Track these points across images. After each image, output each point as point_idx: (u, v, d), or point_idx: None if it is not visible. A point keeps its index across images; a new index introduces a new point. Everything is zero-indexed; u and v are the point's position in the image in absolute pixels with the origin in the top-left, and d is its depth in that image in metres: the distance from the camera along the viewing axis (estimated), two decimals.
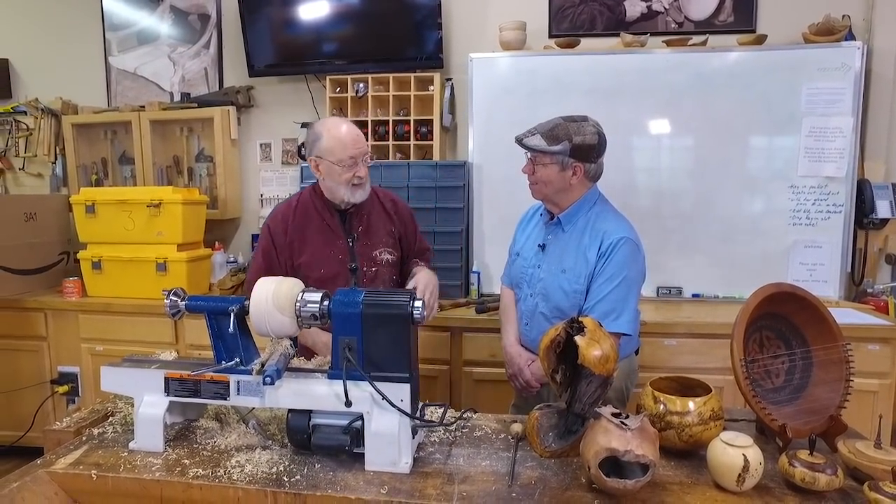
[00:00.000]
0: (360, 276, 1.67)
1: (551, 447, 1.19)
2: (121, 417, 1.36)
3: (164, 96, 3.24)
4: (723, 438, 1.06)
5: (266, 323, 1.14)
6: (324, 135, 1.62)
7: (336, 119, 1.73)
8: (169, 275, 2.64)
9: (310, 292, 1.16)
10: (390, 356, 1.12)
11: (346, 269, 1.66)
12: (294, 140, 3.16)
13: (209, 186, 3.15)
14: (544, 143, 1.48)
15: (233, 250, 3.19)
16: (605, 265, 1.45)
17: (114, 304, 2.69)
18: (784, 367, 1.30)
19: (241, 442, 1.22)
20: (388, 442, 1.10)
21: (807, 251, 2.55)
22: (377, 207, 1.75)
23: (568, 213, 1.55)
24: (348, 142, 1.60)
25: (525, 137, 1.52)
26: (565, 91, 2.65)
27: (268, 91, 3.16)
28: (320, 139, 1.62)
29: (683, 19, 2.75)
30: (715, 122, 2.55)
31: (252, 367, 1.18)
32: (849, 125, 2.46)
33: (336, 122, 1.66)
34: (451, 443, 1.23)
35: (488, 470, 1.11)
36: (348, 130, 1.62)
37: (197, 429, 1.29)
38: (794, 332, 1.32)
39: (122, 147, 3.27)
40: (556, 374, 1.21)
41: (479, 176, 2.77)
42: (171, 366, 1.24)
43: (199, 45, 3.20)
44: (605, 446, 1.00)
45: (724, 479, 1.03)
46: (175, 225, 2.62)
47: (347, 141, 1.60)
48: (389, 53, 2.86)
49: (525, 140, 1.51)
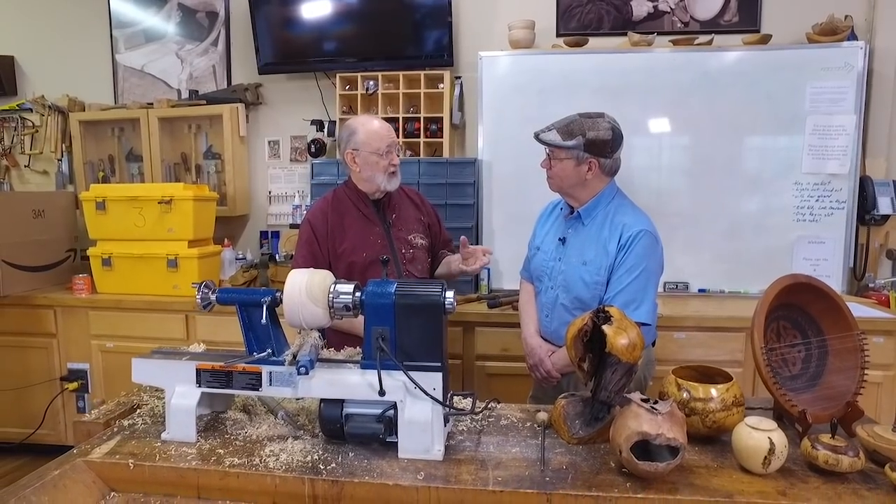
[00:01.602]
0: (399, 258, 1.81)
1: (578, 434, 1.22)
2: (148, 409, 1.38)
3: (171, 94, 3.25)
4: (748, 423, 1.09)
5: (299, 314, 1.16)
6: (359, 129, 1.77)
7: (367, 115, 1.94)
8: (180, 271, 2.65)
9: (342, 283, 1.19)
10: (423, 346, 1.15)
11: (387, 251, 1.78)
12: (303, 137, 3.17)
13: (217, 184, 3.16)
14: (559, 139, 1.52)
15: (241, 247, 3.20)
16: (625, 257, 1.49)
17: (124, 301, 2.69)
18: (801, 356, 1.34)
19: (271, 432, 1.25)
20: (422, 430, 1.13)
21: (810, 247, 2.60)
22: (405, 199, 1.92)
23: (587, 207, 1.58)
24: (384, 133, 1.77)
25: (542, 133, 1.57)
26: (574, 89, 2.68)
27: (276, 88, 3.17)
28: (356, 133, 1.77)
29: (689, 19, 2.79)
30: (720, 120, 2.60)
31: (284, 357, 1.20)
32: (851, 123, 2.51)
33: (368, 118, 1.84)
34: (480, 431, 1.26)
35: (519, 456, 1.14)
36: (381, 124, 1.80)
37: (226, 420, 1.31)
38: (810, 322, 1.35)
39: (130, 144, 3.27)
40: (583, 362, 1.24)
41: (489, 173, 2.80)
42: (202, 357, 1.26)
43: (207, 42, 3.21)
44: (636, 430, 1.03)
45: (749, 462, 1.06)
46: (186, 221, 2.63)
47: (383, 132, 1.77)
48: (399, 51, 2.88)
49: (542, 136, 1.56)
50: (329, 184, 2.81)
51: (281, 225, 3.25)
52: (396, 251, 1.81)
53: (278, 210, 3.25)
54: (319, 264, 1.79)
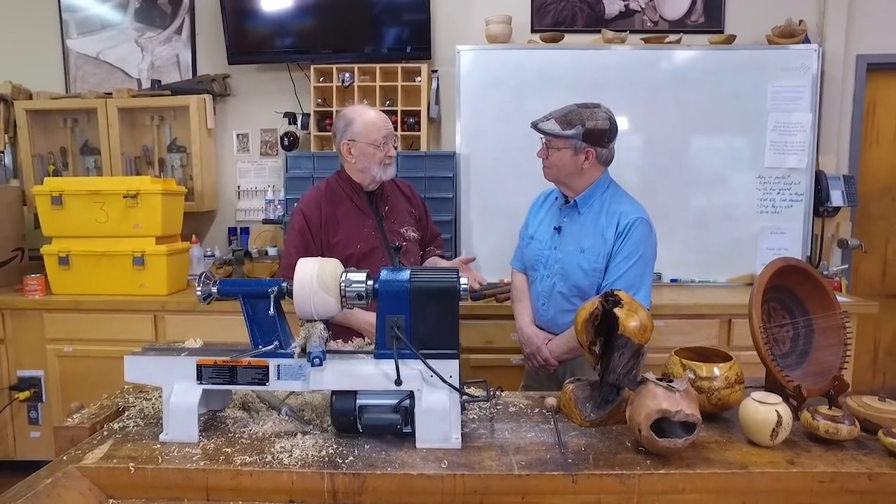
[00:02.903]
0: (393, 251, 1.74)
1: (590, 416, 1.24)
2: (137, 411, 1.30)
3: (131, 83, 3.07)
4: (754, 398, 1.14)
5: (310, 304, 1.13)
6: (356, 120, 1.74)
7: (363, 106, 1.87)
8: (147, 269, 2.51)
9: (353, 272, 1.16)
10: (439, 332, 1.14)
11: (380, 244, 1.77)
12: (274, 131, 3.08)
13: (183, 178, 3.02)
14: (558, 128, 1.54)
15: (209, 244, 3.07)
16: (622, 244, 1.53)
17: (84, 302, 2.53)
18: (789, 335, 1.42)
19: (278, 428, 1.20)
20: (440, 418, 1.11)
21: (773, 237, 2.75)
22: (396, 191, 1.90)
23: (583, 196, 1.61)
24: (381, 124, 1.75)
25: (541, 122, 1.58)
26: (550, 84, 2.72)
27: (245, 80, 3.06)
28: (353, 124, 1.74)
29: (658, 18, 2.89)
30: (689, 116, 2.71)
31: (292, 349, 1.16)
32: (808, 121, 2.68)
33: (365, 108, 1.81)
34: (491, 419, 1.26)
35: (536, 441, 1.15)
36: (378, 114, 1.78)
37: (226, 419, 1.25)
38: (797, 303, 1.43)
39: (85, 136, 3.07)
40: (593, 346, 1.26)
41: (467, 166, 2.81)
42: (201, 353, 1.20)
43: (171, 30, 3.05)
44: (655, 408, 1.06)
45: (758, 435, 1.11)
46: (153, 217, 2.49)
47: (380, 123, 1.75)
48: (376, 43, 2.84)
49: (540, 125, 1.57)
50: (304, 178, 2.74)
51: (251, 221, 3.14)
52: (389, 243, 1.79)
53: (247, 205, 3.14)
54: (311, 255, 1.75)
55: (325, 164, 2.74)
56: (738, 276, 2.78)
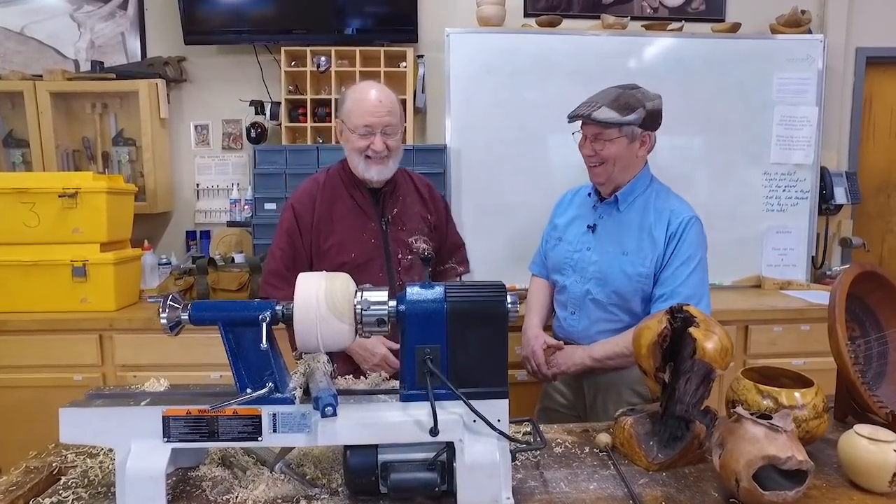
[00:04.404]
0: (395, 264, 1.50)
1: (658, 458, 1.02)
2: (79, 475, 0.98)
3: (66, 64, 2.65)
4: (860, 432, 0.94)
5: (318, 333, 0.85)
6: (349, 97, 1.48)
7: (370, 83, 1.52)
8: (89, 281, 2.13)
9: (369, 290, 0.89)
10: (483, 366, 0.89)
11: (381, 254, 1.49)
12: (238, 122, 2.73)
13: (132, 175, 2.63)
14: (617, 115, 1.31)
15: (163, 250, 2.69)
16: (678, 247, 1.34)
17: (11, 322, 2.11)
18: (862, 351, 1.24)
19: (273, 493, 0.91)
20: (488, 474, 0.86)
21: (778, 237, 2.63)
22: (412, 191, 1.60)
23: (625, 192, 1.40)
24: (367, 107, 1.43)
25: (591, 112, 1.33)
26: (548, 72, 2.51)
27: (204, 63, 2.70)
28: (345, 101, 1.48)
29: (658, 4, 2.72)
30: (694, 108, 2.54)
31: (291, 393, 0.88)
32: (814, 115, 2.56)
33: (366, 85, 1.50)
34: (536, 465, 1.02)
35: (603, 495, 0.92)
36: (375, 95, 1.45)
37: (201, 481, 0.95)
38: (868, 314, 1.26)
39: (9, 125, 2.63)
40: (661, 372, 1.03)
41: (458, 161, 2.55)
42: (167, 400, 0.90)
43: (114, 4, 2.66)
44: (759, 454, 0.86)
45: (872, 481, 0.91)
46: (97, 219, 2.11)
47: (366, 106, 1.43)
48: (356, 24, 2.54)
49: (594, 114, 1.32)
50: (276, 174, 2.42)
51: (212, 223, 2.78)
52: (392, 255, 1.50)
53: (208, 206, 2.78)
54: (299, 260, 1.47)
55: (300, 158, 2.42)
56: (744, 279, 2.64)
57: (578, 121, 1.39)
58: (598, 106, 1.33)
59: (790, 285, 2.57)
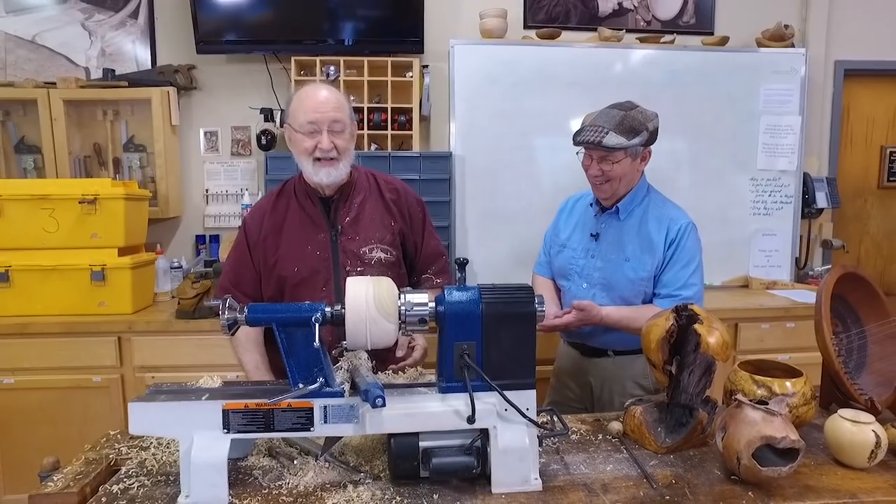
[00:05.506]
0: (342, 276, 1.38)
1: (666, 442, 1.14)
2: (137, 465, 1.06)
3: (77, 72, 2.70)
4: (843, 415, 1.07)
5: (367, 332, 0.95)
6: (294, 98, 1.39)
7: (315, 83, 1.45)
8: (108, 285, 2.19)
9: (411, 293, 0.99)
10: (514, 361, 1.00)
11: (327, 266, 1.40)
12: (246, 129, 2.80)
13: (143, 181, 2.69)
14: (624, 140, 1.41)
15: (173, 254, 2.75)
16: (677, 252, 1.45)
17: (31, 325, 2.17)
18: (844, 345, 1.37)
19: (321, 479, 1.01)
20: (519, 458, 0.97)
21: (765, 239, 2.77)
22: (374, 195, 1.46)
23: (626, 202, 1.51)
24: (311, 104, 1.32)
25: (601, 139, 1.40)
26: (548, 82, 2.63)
27: (214, 72, 2.77)
28: (290, 103, 1.39)
29: (651, 18, 2.86)
30: (685, 116, 2.68)
31: (340, 387, 0.98)
32: (797, 124, 2.72)
33: (311, 85, 1.39)
34: (557, 450, 1.13)
35: (619, 475, 1.04)
36: (319, 92, 1.35)
37: (251, 470, 1.04)
38: (849, 311, 1.39)
39: (21, 132, 2.68)
40: (668, 365, 1.15)
41: (462, 168, 2.66)
42: (225, 395, 0.99)
43: (124, 13, 2.71)
44: (758, 435, 0.98)
45: (854, 458, 1.04)
46: (115, 225, 2.18)
47: (310, 103, 1.32)
48: (364, 35, 2.63)
49: (605, 142, 1.40)
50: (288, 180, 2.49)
51: (220, 227, 2.84)
52: (340, 266, 1.40)
53: (217, 210, 2.85)
54: (244, 277, 1.44)
55: None
56: (732, 279, 2.79)
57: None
58: (605, 132, 1.41)
59: (776, 285, 2.72)
